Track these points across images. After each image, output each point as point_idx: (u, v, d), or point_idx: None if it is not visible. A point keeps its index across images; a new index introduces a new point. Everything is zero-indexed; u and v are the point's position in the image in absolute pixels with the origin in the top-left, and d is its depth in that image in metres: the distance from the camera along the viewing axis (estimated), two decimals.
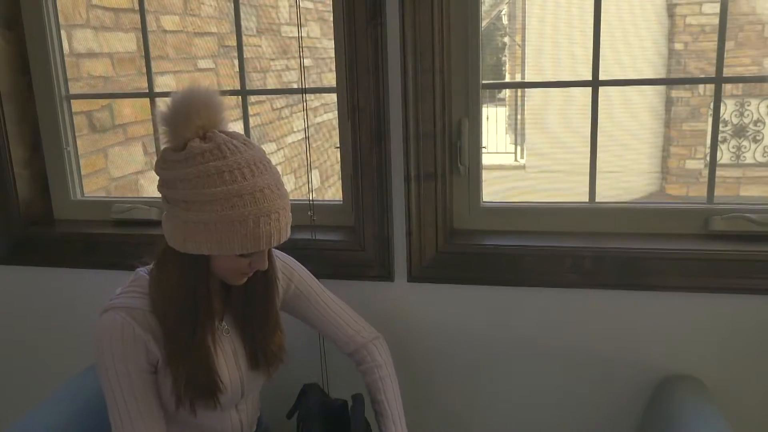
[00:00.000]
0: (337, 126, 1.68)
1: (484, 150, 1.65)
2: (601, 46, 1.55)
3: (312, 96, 1.70)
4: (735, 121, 6.32)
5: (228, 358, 1.29)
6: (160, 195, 1.20)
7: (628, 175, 6.34)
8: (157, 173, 1.18)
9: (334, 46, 1.61)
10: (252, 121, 1.89)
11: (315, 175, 4.51)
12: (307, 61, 4.83)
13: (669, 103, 6.57)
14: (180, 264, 1.17)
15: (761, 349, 1.51)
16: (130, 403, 1.18)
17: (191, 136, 1.13)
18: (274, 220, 1.14)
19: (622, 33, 6.04)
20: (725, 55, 1.53)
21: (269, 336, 1.33)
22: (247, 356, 1.32)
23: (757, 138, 6.37)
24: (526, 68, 7.32)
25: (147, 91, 1.85)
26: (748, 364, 1.52)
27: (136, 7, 2.70)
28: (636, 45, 6.18)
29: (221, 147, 1.12)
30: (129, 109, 2.75)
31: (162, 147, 1.18)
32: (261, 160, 1.16)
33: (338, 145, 1.68)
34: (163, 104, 1.16)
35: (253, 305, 1.30)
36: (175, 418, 1.26)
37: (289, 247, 1.66)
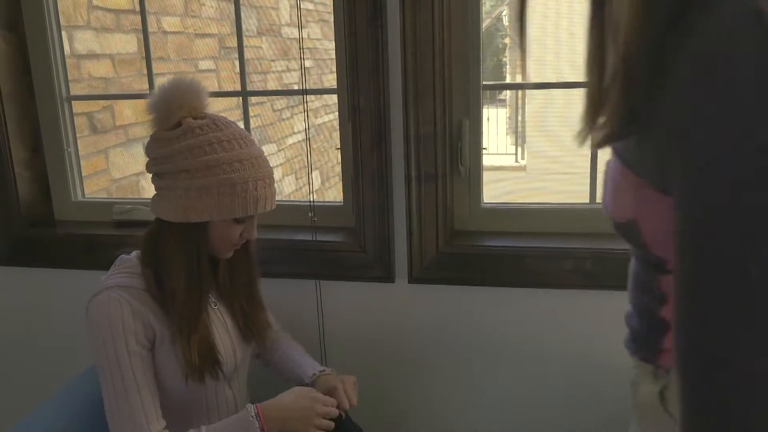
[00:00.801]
0: (337, 127, 1.69)
1: (484, 151, 1.65)
2: None
3: (312, 97, 1.70)
4: None
5: (220, 330, 1.33)
6: (151, 176, 1.27)
7: None
8: (151, 153, 1.25)
9: (334, 48, 1.61)
10: (253, 123, 1.90)
11: (315, 176, 4.51)
12: (307, 63, 4.83)
13: None
14: (180, 239, 1.23)
15: None
16: (127, 378, 1.19)
17: (185, 115, 1.22)
18: (268, 185, 1.25)
19: None
20: None
21: (256, 308, 1.40)
22: (236, 329, 1.37)
23: None
24: (527, 69, 7.31)
25: (148, 92, 1.85)
26: None
27: (137, 8, 2.70)
28: None
29: (216, 121, 1.23)
30: (130, 110, 2.75)
31: (152, 134, 1.26)
32: (247, 134, 1.28)
33: (339, 146, 1.68)
34: (149, 96, 1.25)
35: (238, 277, 1.37)
36: (172, 395, 1.27)
37: (289, 248, 1.67)
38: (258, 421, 1.21)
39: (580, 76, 0.75)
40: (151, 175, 1.28)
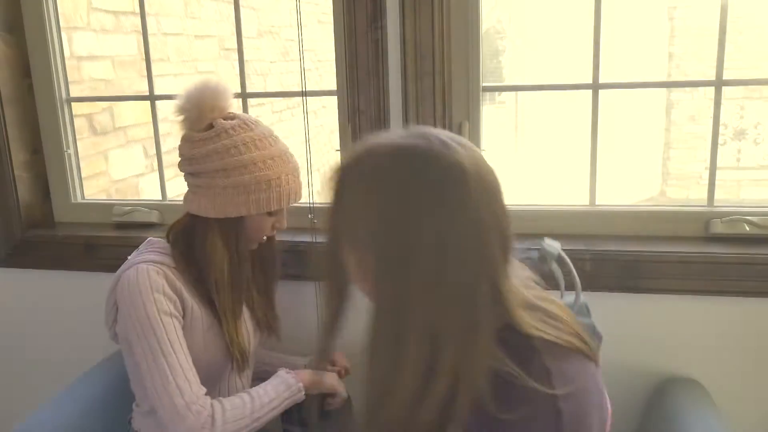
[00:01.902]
0: (337, 129, 1.69)
1: (484, 153, 1.65)
2: (601, 48, 1.55)
3: (312, 99, 1.70)
4: (735, 123, 6.33)
5: (243, 324, 1.38)
6: (184, 174, 1.33)
7: (629, 177, 6.34)
8: (185, 154, 1.31)
9: (334, 49, 1.61)
10: None
11: (315, 178, 4.50)
12: (307, 64, 4.82)
13: (669, 106, 6.58)
14: (220, 233, 1.29)
15: (761, 353, 1.51)
16: (171, 340, 1.21)
17: (216, 117, 1.29)
18: (297, 177, 1.34)
19: (622, 36, 6.05)
20: (725, 58, 1.53)
21: (272, 299, 1.46)
22: (251, 320, 1.42)
23: (757, 141, 6.38)
24: (526, 71, 7.33)
25: (148, 93, 1.85)
26: (749, 368, 1.52)
27: (137, 9, 2.70)
28: (636, 48, 6.19)
29: (246, 122, 1.30)
30: (130, 112, 2.75)
31: (183, 135, 1.31)
32: (273, 131, 1.36)
33: (338, 148, 1.68)
34: (178, 98, 1.30)
35: (263, 269, 1.43)
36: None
37: (289, 250, 1.67)
38: (293, 375, 1.31)
39: (579, 77, 0.75)
40: (184, 174, 1.33)
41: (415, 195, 0.77)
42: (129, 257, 1.31)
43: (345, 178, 0.85)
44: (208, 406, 1.18)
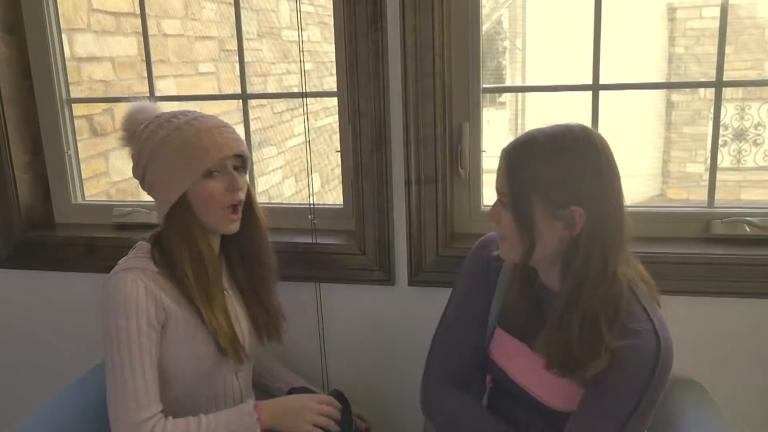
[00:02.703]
0: (337, 130, 1.69)
1: (484, 154, 1.65)
2: (601, 50, 1.55)
3: (313, 100, 1.70)
4: (735, 124, 6.33)
5: (234, 317, 1.35)
6: (146, 191, 1.36)
7: (629, 178, 6.33)
8: (135, 177, 1.36)
9: (334, 50, 1.62)
10: (253, 125, 1.90)
11: (316, 178, 4.51)
12: (307, 65, 4.83)
13: (670, 106, 6.58)
14: (173, 222, 1.29)
15: (762, 353, 1.51)
16: (134, 356, 1.22)
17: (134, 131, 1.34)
18: (224, 132, 1.29)
19: (623, 37, 6.05)
20: (725, 59, 1.53)
21: (269, 291, 1.42)
22: (247, 320, 1.40)
23: (758, 142, 6.37)
24: (526, 72, 7.33)
25: (148, 95, 1.85)
26: (749, 368, 1.52)
27: (137, 11, 2.70)
28: (637, 49, 6.19)
29: (157, 116, 1.33)
30: None
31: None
32: (188, 111, 1.35)
33: (339, 149, 1.68)
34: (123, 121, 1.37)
35: (246, 262, 1.40)
36: (180, 383, 1.29)
37: (290, 251, 1.67)
38: (255, 412, 1.24)
39: (579, 78, 0.75)
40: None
41: (601, 160, 1.09)
42: (119, 261, 1.31)
43: (528, 153, 1.11)
44: (149, 428, 1.20)
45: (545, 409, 1.19)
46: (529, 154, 1.11)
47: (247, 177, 1.36)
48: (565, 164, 1.09)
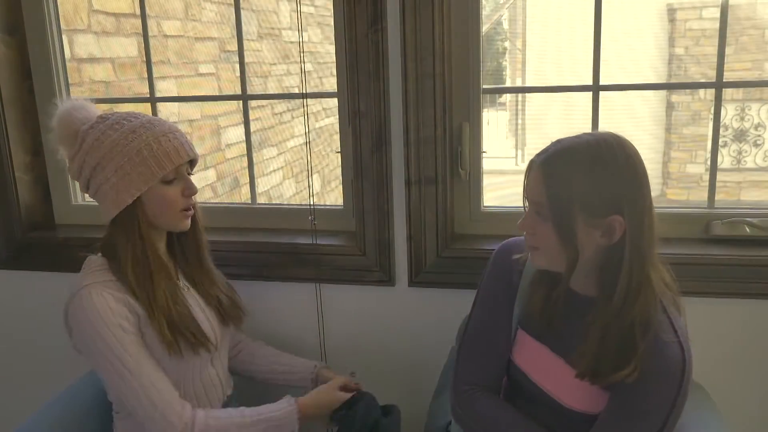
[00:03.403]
0: (338, 131, 1.69)
1: (484, 155, 1.65)
2: (601, 50, 1.55)
3: (313, 101, 1.70)
4: (736, 125, 6.32)
5: (197, 311, 1.37)
6: (88, 195, 1.35)
7: None
8: (72, 171, 1.33)
9: (335, 51, 1.62)
10: (253, 126, 1.90)
11: (316, 179, 4.51)
12: (308, 66, 4.83)
13: (670, 107, 6.57)
14: (121, 224, 1.29)
15: (762, 353, 1.50)
16: (138, 361, 1.24)
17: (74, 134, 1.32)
18: (176, 138, 1.30)
19: (622, 37, 6.05)
20: (725, 60, 1.53)
21: (216, 286, 1.44)
22: (211, 309, 1.41)
23: (758, 142, 6.37)
24: (526, 73, 7.33)
25: (148, 96, 1.85)
26: (749, 368, 1.52)
27: (138, 12, 2.71)
28: (637, 49, 6.19)
29: (101, 116, 1.32)
30: None
31: (68, 158, 1.34)
32: (133, 113, 1.34)
33: (339, 150, 1.68)
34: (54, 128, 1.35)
35: (189, 257, 1.42)
36: (169, 375, 1.30)
37: (290, 252, 1.67)
38: (296, 411, 1.31)
39: (579, 79, 0.75)
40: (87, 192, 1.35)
41: (637, 168, 1.10)
42: (75, 282, 1.30)
43: (567, 164, 1.11)
44: (189, 410, 1.25)
45: (563, 410, 1.19)
46: (569, 165, 1.11)
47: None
48: (605, 175, 1.09)
